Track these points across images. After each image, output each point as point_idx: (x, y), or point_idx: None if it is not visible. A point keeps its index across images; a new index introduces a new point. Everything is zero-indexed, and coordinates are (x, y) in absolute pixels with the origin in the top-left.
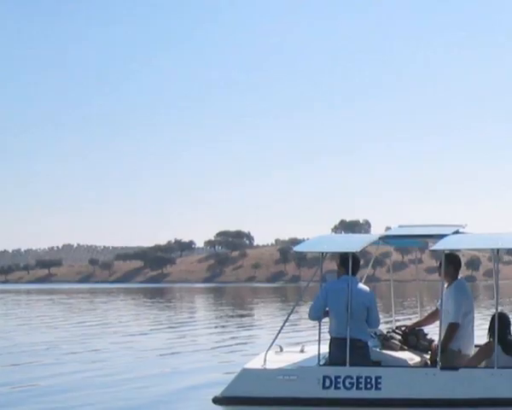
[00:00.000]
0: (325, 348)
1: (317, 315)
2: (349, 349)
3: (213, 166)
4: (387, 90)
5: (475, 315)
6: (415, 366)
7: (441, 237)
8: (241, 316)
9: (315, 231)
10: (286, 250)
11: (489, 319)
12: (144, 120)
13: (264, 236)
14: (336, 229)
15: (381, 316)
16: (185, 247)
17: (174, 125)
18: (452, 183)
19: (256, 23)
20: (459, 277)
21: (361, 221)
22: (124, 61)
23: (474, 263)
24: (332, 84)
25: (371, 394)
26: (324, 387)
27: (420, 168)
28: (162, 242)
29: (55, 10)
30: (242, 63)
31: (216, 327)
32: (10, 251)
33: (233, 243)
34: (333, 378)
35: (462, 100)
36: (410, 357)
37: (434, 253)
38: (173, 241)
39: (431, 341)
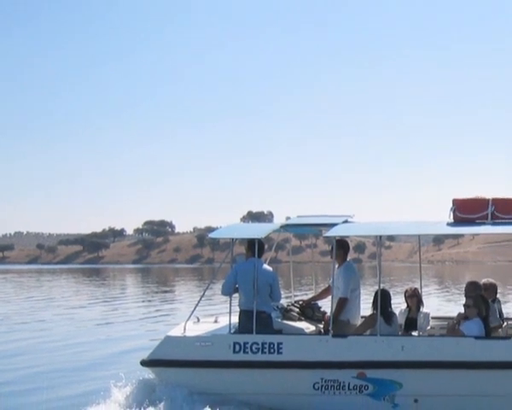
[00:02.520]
0: (235, 319)
1: (228, 291)
2: (255, 320)
3: (142, 164)
4: (296, 94)
5: (361, 291)
6: (310, 334)
7: (333, 225)
8: (165, 292)
9: (226, 220)
10: (202, 237)
11: (373, 294)
12: (84, 118)
13: (183, 224)
14: (244, 219)
15: (282, 292)
16: (117, 234)
17: (111, 125)
18: (343, 179)
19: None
20: (348, 259)
21: (265, 212)
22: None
23: (360, 247)
24: (239, 92)
25: (274, 357)
26: (234, 352)
27: (319, 166)
28: (98, 229)
29: None
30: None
31: (143, 301)
32: None
33: (157, 231)
34: (242, 344)
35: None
36: (307, 326)
37: (327, 239)
38: (107, 229)
39: (324, 313)
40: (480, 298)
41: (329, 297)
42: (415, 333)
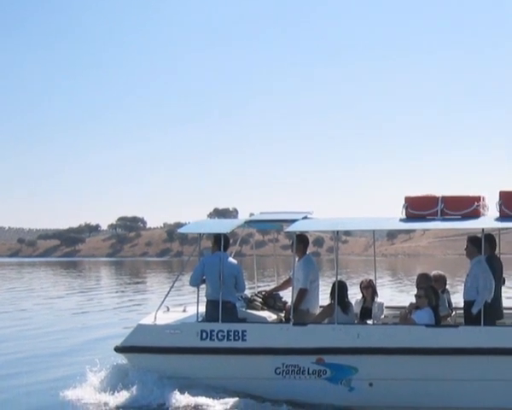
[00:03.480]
0: (202, 309)
1: (196, 282)
2: (221, 309)
3: (116, 165)
4: (259, 95)
5: (320, 283)
6: (272, 323)
7: (293, 221)
8: (137, 283)
9: (194, 216)
10: (172, 232)
11: (330, 285)
12: (63, 119)
13: (154, 220)
14: (211, 215)
15: (246, 283)
16: (93, 229)
17: (89, 127)
18: (303, 178)
19: None
20: (307, 252)
21: (230, 209)
22: None
23: (318, 242)
24: (205, 94)
25: (238, 344)
26: (202, 339)
27: (281, 166)
28: (75, 225)
29: None
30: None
31: (117, 292)
32: None
33: (130, 226)
34: (208, 332)
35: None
36: (269, 315)
37: (288, 234)
38: (83, 224)
39: (285, 302)
40: (431, 289)
41: (290, 288)
42: (369, 321)
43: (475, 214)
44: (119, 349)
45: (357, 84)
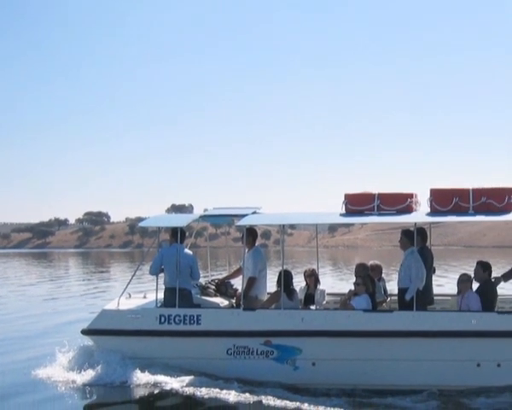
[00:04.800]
0: (161, 295)
1: (155, 271)
2: (178, 296)
3: (82, 164)
4: (212, 98)
5: (267, 272)
6: (225, 308)
7: (243, 216)
8: (101, 272)
9: (154, 211)
10: (133, 225)
11: (277, 274)
12: (35, 121)
13: (117, 215)
14: (169, 210)
15: (200, 272)
16: (61, 223)
17: (58, 129)
18: (253, 175)
19: None
20: (256, 244)
21: (186, 205)
22: None
23: (266, 234)
24: (168, 99)
25: (194, 327)
26: (160, 322)
27: (232, 164)
28: (45, 219)
29: None
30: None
31: (83, 280)
32: None
33: (95, 220)
34: (166, 316)
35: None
36: (222, 301)
37: (239, 227)
38: (53, 219)
39: (236, 290)
40: (368, 277)
41: (240, 277)
42: (313, 307)
43: (408, 210)
44: (85, 332)
45: (304, 86)
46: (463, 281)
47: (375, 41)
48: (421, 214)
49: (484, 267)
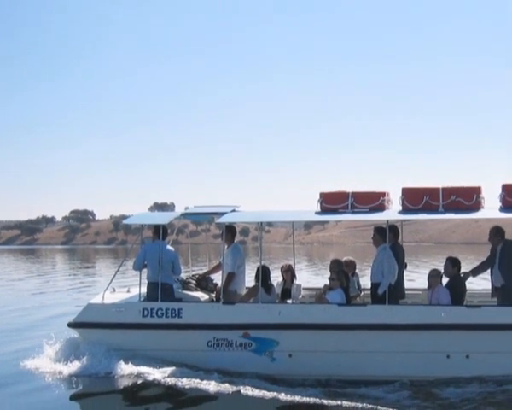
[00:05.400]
0: (144, 290)
1: (138, 267)
2: (160, 290)
3: (68, 164)
4: (191, 95)
5: (246, 267)
6: (205, 302)
7: (223, 214)
8: (87, 267)
9: (137, 209)
10: (117, 223)
11: (255, 270)
12: (22, 122)
13: (102, 213)
14: (151, 208)
15: (181, 267)
16: (49, 220)
17: (45, 130)
18: (233, 174)
19: None
20: (235, 241)
21: (168, 203)
22: None
23: (245, 231)
24: (142, 99)
25: (175, 320)
26: (143, 316)
27: (212, 163)
28: (33, 217)
29: None
30: None
31: (70, 275)
32: None
33: (81, 218)
34: (149, 310)
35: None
36: (202, 295)
37: (218, 224)
38: (41, 216)
39: (216, 284)
40: (342, 273)
41: (220, 272)
42: (289, 301)
43: (381, 208)
44: (71, 325)
45: (279, 90)
46: (433, 276)
47: (348, 45)
48: (393, 212)
49: (453, 263)
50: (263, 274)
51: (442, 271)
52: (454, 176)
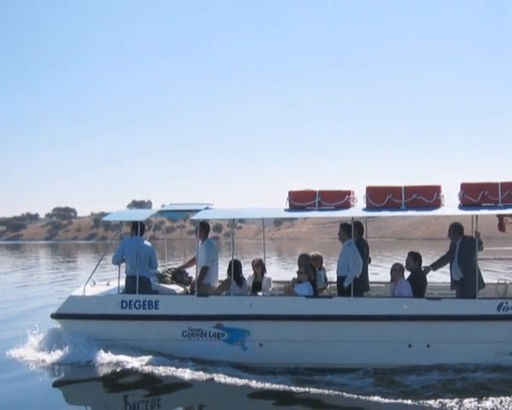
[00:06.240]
0: (123, 283)
1: (117, 261)
2: (138, 283)
3: (51, 164)
4: (167, 97)
5: (219, 261)
6: (180, 294)
7: (197, 211)
8: (69, 262)
9: (116, 207)
10: (97, 219)
11: (228, 264)
12: (9, 123)
13: (83, 210)
14: (130, 206)
15: (158, 262)
16: (33, 217)
17: (30, 127)
18: (206, 173)
19: None
20: (209, 237)
21: (146, 201)
22: None
23: (218, 228)
24: (130, 106)
25: (152, 312)
26: (122, 307)
27: (187, 163)
28: (18, 214)
29: None
30: None
31: (53, 269)
32: None
33: (63, 215)
34: (127, 302)
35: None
36: (177, 288)
37: (193, 221)
38: (25, 213)
39: (190, 278)
40: (310, 267)
41: (195, 266)
42: (260, 293)
43: (346, 205)
44: (54, 316)
45: (249, 92)
46: (396, 270)
47: (321, 50)
48: (357, 210)
49: (414, 257)
50: (235, 268)
51: (404, 265)
52: (416, 175)
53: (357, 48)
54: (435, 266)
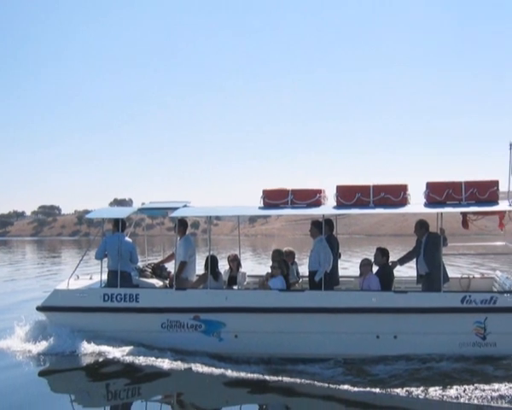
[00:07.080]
0: (105, 277)
1: (100, 256)
2: (119, 277)
3: (36, 163)
4: (145, 96)
5: (196, 257)
6: (159, 288)
7: (176, 209)
8: (54, 257)
9: (98, 205)
10: (81, 217)
11: (205, 259)
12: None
13: (67, 208)
14: (111, 204)
15: (139, 257)
16: (19, 215)
17: (15, 128)
18: (184, 173)
19: None
20: (187, 233)
21: (127, 199)
22: None
23: (195, 225)
24: (113, 108)
25: (133, 304)
26: (104, 300)
27: (165, 164)
28: (5, 211)
29: None
30: None
31: (38, 264)
32: None
33: (48, 213)
34: (109, 295)
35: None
36: (157, 282)
37: (172, 218)
38: (12, 211)
39: (169, 272)
40: (283, 262)
41: (173, 261)
42: (235, 287)
43: (317, 203)
44: (39, 309)
45: (228, 93)
46: (365, 265)
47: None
48: (328, 207)
49: (382, 253)
50: (211, 263)
51: (372, 260)
52: (383, 174)
53: (330, 50)
54: (402, 261)
